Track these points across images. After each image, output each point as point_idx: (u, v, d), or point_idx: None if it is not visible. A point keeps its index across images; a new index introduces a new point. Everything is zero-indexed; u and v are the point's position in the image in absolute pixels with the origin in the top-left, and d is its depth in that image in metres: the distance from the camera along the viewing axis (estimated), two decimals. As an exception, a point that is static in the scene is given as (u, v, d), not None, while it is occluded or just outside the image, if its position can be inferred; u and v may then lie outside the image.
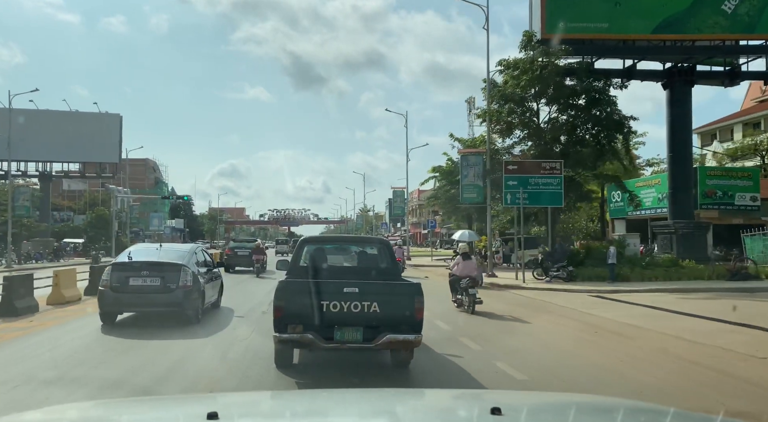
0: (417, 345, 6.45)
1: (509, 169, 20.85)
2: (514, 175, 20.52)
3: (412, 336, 6.26)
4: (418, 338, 6.34)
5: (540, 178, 20.34)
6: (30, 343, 8.47)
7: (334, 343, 6.20)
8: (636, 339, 9.31)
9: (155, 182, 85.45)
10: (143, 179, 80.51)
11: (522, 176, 20.37)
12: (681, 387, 6.41)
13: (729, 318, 10.93)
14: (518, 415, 2.20)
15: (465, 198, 25.83)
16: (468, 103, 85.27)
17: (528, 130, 22.97)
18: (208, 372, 6.64)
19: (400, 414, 2.40)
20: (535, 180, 20.26)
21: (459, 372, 6.80)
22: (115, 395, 5.54)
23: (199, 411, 1.93)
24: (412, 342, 6.32)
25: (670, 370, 7.19)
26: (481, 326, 10.50)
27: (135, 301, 9.88)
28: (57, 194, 68.30)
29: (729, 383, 6.56)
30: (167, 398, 4.13)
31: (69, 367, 6.86)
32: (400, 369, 6.71)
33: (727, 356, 7.91)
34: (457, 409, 2.54)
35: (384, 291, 6.50)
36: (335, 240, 15.67)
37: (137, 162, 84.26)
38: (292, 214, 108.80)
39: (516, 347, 8.53)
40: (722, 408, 4.77)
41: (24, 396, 5.54)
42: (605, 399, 3.37)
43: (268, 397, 3.31)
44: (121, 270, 9.97)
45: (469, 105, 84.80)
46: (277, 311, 6.26)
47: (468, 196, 25.53)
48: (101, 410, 2.50)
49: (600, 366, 7.33)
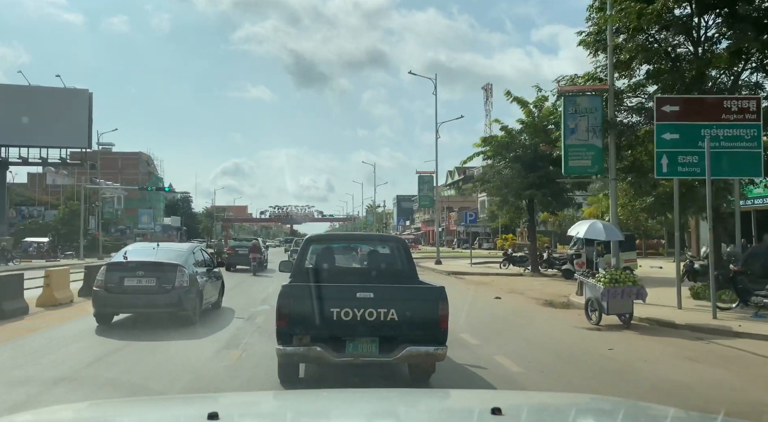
0: (441, 359, 6.13)
1: (665, 113, 12.88)
2: (674, 124, 12.79)
3: (434, 349, 5.94)
4: (442, 351, 6.00)
5: (723, 128, 12.68)
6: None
7: (346, 357, 5.89)
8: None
9: (149, 177, 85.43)
10: (135, 173, 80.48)
11: (690, 125, 12.70)
12: None
13: None
14: (519, 415, 2.35)
15: (570, 168, 16.05)
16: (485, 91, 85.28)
17: (664, 63, 15.06)
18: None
19: (401, 414, 2.55)
20: (714, 131, 12.55)
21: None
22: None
23: (200, 411, 2.01)
24: (435, 355, 6.03)
25: None
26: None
27: (130, 302, 10.40)
28: (41, 189, 68.22)
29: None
30: (167, 398, 4.30)
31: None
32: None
33: None
34: (458, 409, 2.71)
35: (403, 296, 6.20)
36: (344, 238, 15.58)
37: (129, 155, 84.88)
38: (295, 211, 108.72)
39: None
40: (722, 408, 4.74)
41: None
42: (606, 399, 3.54)
43: (269, 397, 3.51)
44: (116, 270, 10.47)
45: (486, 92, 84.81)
46: (281, 320, 5.95)
47: (576, 164, 16.09)
48: (100, 411, 2.64)
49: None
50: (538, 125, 24.02)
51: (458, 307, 10.51)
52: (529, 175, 23.80)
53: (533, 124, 24.20)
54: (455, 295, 10.47)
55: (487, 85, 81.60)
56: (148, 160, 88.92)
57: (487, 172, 27.89)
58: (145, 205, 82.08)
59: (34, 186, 70.76)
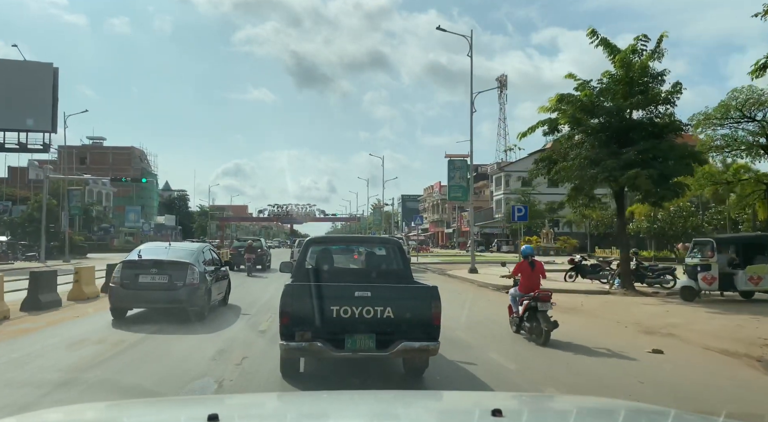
0: (434, 353, 6.92)
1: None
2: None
3: (429, 344, 6.71)
4: (435, 346, 6.78)
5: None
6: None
7: (346, 352, 6.63)
8: None
9: (142, 173, 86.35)
10: (127, 169, 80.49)
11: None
12: None
13: None
14: (519, 417, 2.53)
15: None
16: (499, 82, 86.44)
17: None
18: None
19: (401, 416, 2.74)
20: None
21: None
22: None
23: (200, 413, 2.14)
24: (429, 350, 6.80)
25: None
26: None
27: (144, 298, 11.95)
28: (23, 184, 65.46)
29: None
30: (168, 400, 4.68)
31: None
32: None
33: None
34: (459, 411, 2.91)
35: (398, 295, 7.03)
36: (342, 240, 16.81)
37: (120, 149, 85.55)
38: (295, 210, 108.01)
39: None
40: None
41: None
42: (606, 401, 3.76)
43: (270, 399, 3.84)
44: (130, 267, 12.04)
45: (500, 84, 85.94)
46: (284, 317, 6.70)
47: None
48: (99, 412, 2.82)
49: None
50: (636, 79, 18.40)
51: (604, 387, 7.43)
52: (623, 151, 18.12)
53: (626, 80, 18.42)
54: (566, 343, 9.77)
55: (502, 77, 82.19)
56: (141, 156, 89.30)
57: (560, 148, 20.35)
58: (137, 202, 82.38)
59: (15, 181, 69.31)
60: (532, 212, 57.74)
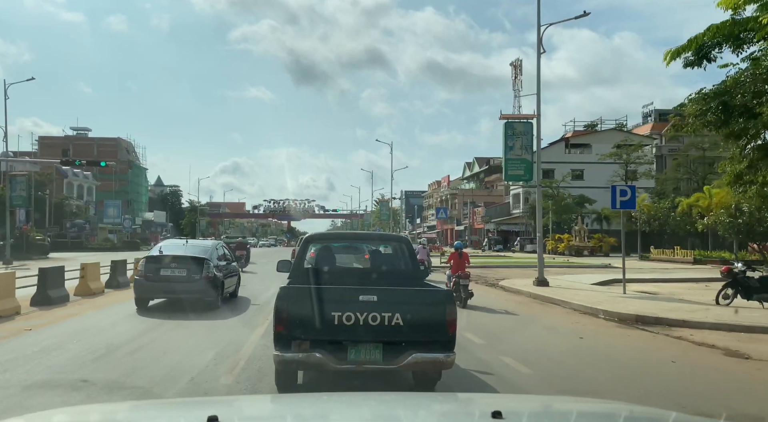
0: (449, 366, 6.57)
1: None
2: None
3: (442, 356, 6.40)
4: (450, 357, 6.44)
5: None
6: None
7: (348, 364, 6.33)
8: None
9: (129, 166, 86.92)
10: (114, 161, 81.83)
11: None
12: None
13: None
14: (519, 419, 2.69)
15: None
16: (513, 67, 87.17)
17: None
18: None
19: (402, 418, 2.92)
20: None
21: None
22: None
23: (200, 415, 2.30)
24: (442, 362, 6.49)
25: None
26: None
27: (164, 289, 14.30)
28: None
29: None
30: (167, 401, 5.00)
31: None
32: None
33: None
34: (459, 413, 3.09)
35: (408, 299, 6.60)
36: (344, 237, 16.86)
37: (106, 141, 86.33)
38: (293, 206, 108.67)
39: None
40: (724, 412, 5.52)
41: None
42: (606, 403, 4.03)
43: (269, 401, 4.14)
44: (153, 262, 14.56)
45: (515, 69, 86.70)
46: (279, 324, 6.38)
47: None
48: (98, 414, 3.02)
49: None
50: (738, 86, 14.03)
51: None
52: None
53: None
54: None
55: (516, 61, 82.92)
56: (128, 147, 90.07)
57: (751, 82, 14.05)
58: (124, 196, 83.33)
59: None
60: (559, 207, 56.75)
